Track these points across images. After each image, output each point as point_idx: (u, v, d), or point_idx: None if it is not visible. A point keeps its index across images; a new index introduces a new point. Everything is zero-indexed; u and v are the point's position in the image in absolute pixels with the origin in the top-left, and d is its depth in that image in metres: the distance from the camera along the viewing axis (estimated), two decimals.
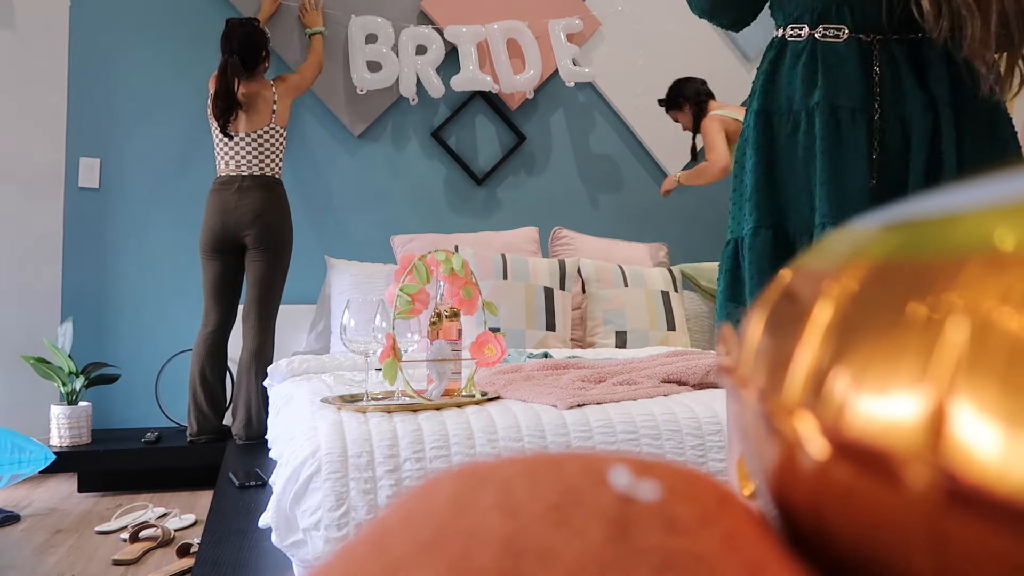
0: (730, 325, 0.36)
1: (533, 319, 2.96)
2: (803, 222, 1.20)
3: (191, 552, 2.07)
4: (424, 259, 1.64)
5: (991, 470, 0.17)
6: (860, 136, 1.17)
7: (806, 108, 1.20)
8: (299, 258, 3.31)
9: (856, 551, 0.22)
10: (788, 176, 1.22)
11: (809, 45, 1.21)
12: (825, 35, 1.20)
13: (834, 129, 1.17)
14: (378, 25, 3.46)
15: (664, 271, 3.37)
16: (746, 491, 0.32)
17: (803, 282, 0.29)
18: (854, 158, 1.16)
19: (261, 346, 2.84)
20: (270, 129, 2.88)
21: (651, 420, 1.51)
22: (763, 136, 1.24)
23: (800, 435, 0.23)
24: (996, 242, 0.20)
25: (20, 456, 2.31)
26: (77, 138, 3.25)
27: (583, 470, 0.25)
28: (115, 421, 3.25)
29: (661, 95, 3.49)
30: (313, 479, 1.29)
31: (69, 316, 3.05)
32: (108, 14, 3.30)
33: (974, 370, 0.18)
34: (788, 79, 1.23)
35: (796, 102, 1.21)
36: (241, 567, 1.48)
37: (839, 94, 1.18)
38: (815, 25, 1.21)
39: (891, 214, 0.28)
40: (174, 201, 3.33)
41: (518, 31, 3.55)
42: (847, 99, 1.17)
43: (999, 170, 0.26)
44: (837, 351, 0.23)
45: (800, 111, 1.21)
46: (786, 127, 1.22)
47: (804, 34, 1.22)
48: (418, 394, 1.56)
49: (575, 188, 3.85)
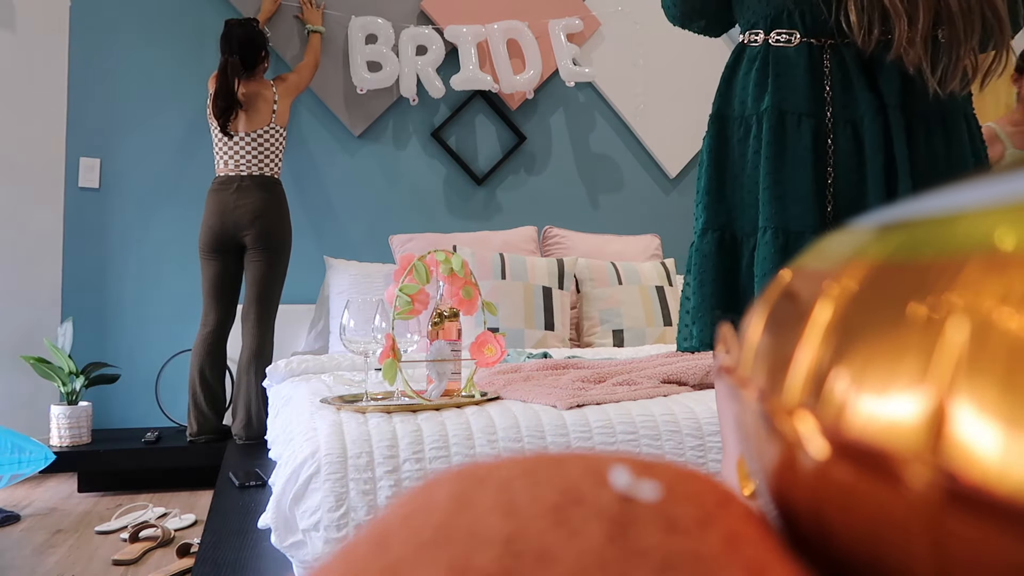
0: (730, 325, 0.36)
1: (532, 319, 2.96)
2: (750, 225, 1.23)
3: (191, 552, 2.07)
4: (423, 259, 1.64)
5: (991, 470, 0.17)
6: (805, 142, 1.19)
7: (756, 113, 1.23)
8: (298, 258, 3.31)
9: (856, 551, 0.22)
10: (738, 180, 1.25)
11: (763, 50, 1.24)
12: (778, 40, 1.22)
13: (780, 135, 1.20)
14: (378, 25, 3.46)
15: (658, 265, 3.36)
16: (746, 491, 0.32)
17: (803, 282, 0.29)
18: (798, 164, 1.19)
19: (260, 346, 2.84)
20: (270, 129, 2.88)
21: (651, 420, 1.51)
22: (716, 140, 1.27)
23: (800, 435, 0.23)
24: (996, 242, 0.20)
25: (20, 456, 2.31)
26: (77, 138, 3.25)
27: (583, 470, 0.25)
28: (115, 421, 3.25)
29: (661, 95, 3.49)
30: (312, 480, 1.29)
31: (69, 316, 3.05)
32: (108, 14, 3.30)
33: (974, 370, 0.18)
34: (743, 84, 1.26)
35: (748, 107, 1.24)
36: (241, 567, 1.48)
37: (787, 99, 1.20)
38: (769, 31, 1.23)
39: (891, 214, 0.28)
40: (174, 201, 3.33)
41: (518, 31, 3.55)
42: (795, 104, 1.20)
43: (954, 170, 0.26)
44: (837, 351, 0.23)
45: (752, 115, 1.23)
46: (738, 131, 1.25)
47: (760, 39, 1.24)
48: (417, 394, 1.56)
49: (575, 188, 3.85)
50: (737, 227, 1.24)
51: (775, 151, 1.19)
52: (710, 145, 1.27)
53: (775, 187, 1.18)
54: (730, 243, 1.24)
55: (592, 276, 3.23)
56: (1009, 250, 0.20)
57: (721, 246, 1.23)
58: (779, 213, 1.17)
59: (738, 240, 1.24)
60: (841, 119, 1.20)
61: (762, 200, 1.19)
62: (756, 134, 1.22)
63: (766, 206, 1.18)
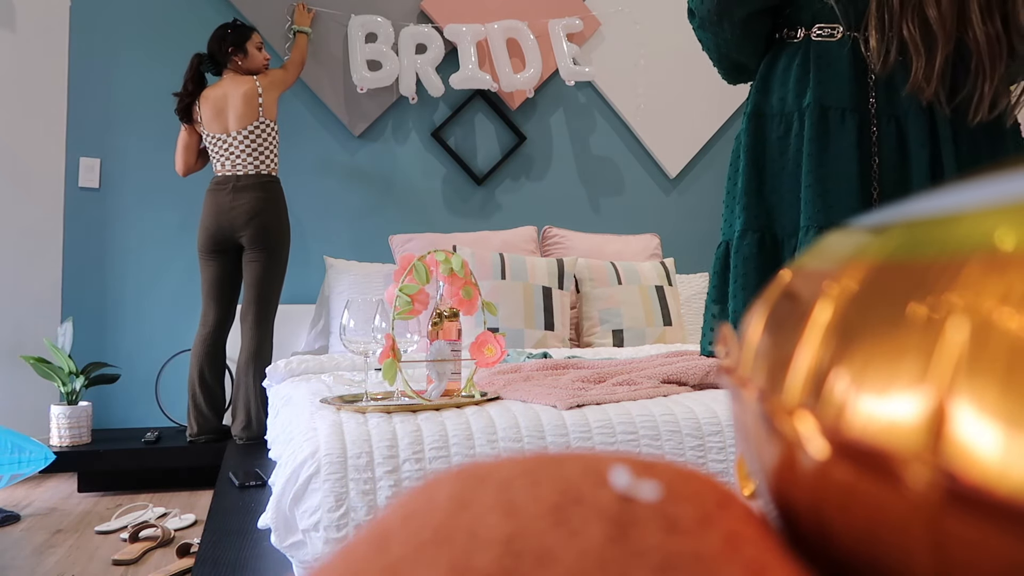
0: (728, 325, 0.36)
1: (532, 319, 2.96)
2: (791, 225, 1.20)
3: (191, 552, 2.07)
4: (423, 259, 1.64)
5: (991, 470, 0.17)
6: (849, 138, 1.16)
7: (798, 109, 1.20)
8: (298, 258, 3.31)
9: (856, 551, 0.22)
10: (777, 179, 1.22)
11: (803, 46, 1.21)
12: (820, 34, 1.20)
13: (823, 131, 1.17)
14: (378, 24, 3.46)
15: (657, 264, 3.36)
16: (746, 491, 0.32)
17: (803, 282, 0.29)
18: (842, 161, 1.16)
19: (259, 347, 2.84)
20: (260, 124, 2.88)
21: (650, 421, 1.51)
22: (754, 138, 1.24)
23: (800, 435, 0.23)
24: (996, 242, 0.20)
25: (20, 456, 2.31)
26: (77, 138, 3.25)
27: (583, 470, 0.25)
28: (115, 421, 3.25)
29: (661, 95, 3.49)
30: (312, 480, 1.29)
31: (69, 316, 3.05)
32: (108, 14, 3.30)
33: (974, 370, 0.18)
34: (782, 80, 1.23)
35: (788, 103, 1.21)
36: (241, 567, 1.48)
37: (830, 94, 1.18)
38: (810, 25, 1.21)
39: (891, 214, 0.28)
40: (174, 201, 3.33)
41: (518, 31, 3.55)
42: (837, 99, 1.17)
43: (997, 166, 0.26)
44: (837, 351, 0.23)
45: (792, 112, 1.21)
46: (778, 129, 1.22)
47: (800, 35, 1.22)
48: (417, 394, 1.56)
49: (575, 188, 3.85)
50: (777, 227, 1.21)
51: (818, 148, 1.16)
52: (748, 143, 1.23)
53: (818, 185, 1.15)
54: (771, 244, 1.21)
55: (592, 276, 3.23)
56: (1009, 250, 0.20)
57: (762, 247, 1.20)
58: (823, 212, 1.14)
59: (779, 241, 1.21)
60: (885, 114, 1.17)
61: (804, 199, 1.16)
62: (797, 131, 1.19)
63: (808, 205, 1.15)
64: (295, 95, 3.45)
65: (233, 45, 2.91)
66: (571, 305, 3.23)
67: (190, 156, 3.00)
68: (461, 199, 3.71)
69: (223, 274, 2.90)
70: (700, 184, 3.99)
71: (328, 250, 3.48)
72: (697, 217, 3.94)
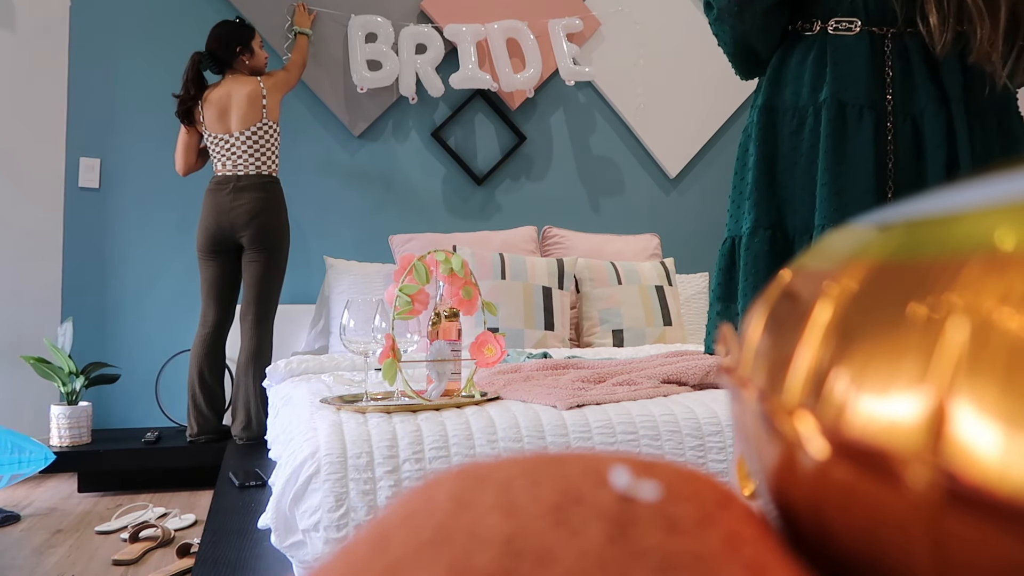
0: (729, 325, 0.36)
1: (532, 319, 2.96)
2: (803, 223, 1.17)
3: (191, 552, 2.07)
4: (423, 259, 1.64)
5: (991, 470, 0.17)
6: (866, 135, 1.14)
7: (813, 104, 1.17)
8: (298, 258, 3.31)
9: (856, 551, 0.22)
10: (789, 175, 1.19)
11: (819, 39, 1.18)
12: (837, 28, 1.17)
13: (839, 127, 1.14)
14: (378, 24, 3.46)
15: (657, 264, 3.36)
16: (746, 491, 0.32)
17: (803, 282, 0.29)
18: (859, 159, 1.13)
19: (259, 347, 2.84)
20: (263, 125, 2.88)
21: (650, 421, 1.51)
22: (765, 132, 1.21)
23: (800, 435, 0.23)
24: (996, 242, 0.20)
25: (20, 456, 2.31)
26: (77, 138, 3.25)
27: (583, 470, 0.25)
28: (115, 421, 3.25)
29: (661, 95, 3.49)
30: (312, 480, 1.29)
31: (69, 316, 3.05)
32: (108, 14, 3.30)
33: (974, 370, 0.18)
34: (796, 73, 1.19)
35: (803, 97, 1.18)
36: (241, 567, 1.48)
37: (847, 89, 1.14)
38: (827, 19, 1.19)
39: (891, 214, 0.28)
40: (174, 201, 3.33)
41: (518, 30, 3.55)
42: (854, 95, 1.14)
43: (1011, 165, 0.26)
44: (837, 351, 0.23)
45: (807, 107, 1.17)
46: (791, 124, 1.19)
47: (816, 28, 1.19)
48: (417, 394, 1.56)
49: (575, 188, 3.85)
50: (789, 225, 1.18)
51: (834, 145, 1.13)
52: (759, 138, 1.20)
53: (834, 184, 1.12)
54: (782, 242, 1.19)
55: (592, 276, 3.23)
56: (1009, 250, 0.20)
57: (773, 245, 1.18)
58: (839, 211, 1.11)
59: (790, 239, 1.18)
60: (901, 111, 1.15)
61: (820, 197, 1.13)
62: (812, 127, 1.16)
63: (824, 203, 1.13)
64: (296, 95, 3.45)
65: (241, 44, 2.91)
66: (571, 305, 3.23)
67: (190, 156, 3.00)
68: (461, 199, 3.71)
69: (223, 274, 2.90)
70: (700, 184, 3.99)
71: (328, 250, 3.48)
72: (697, 217, 3.94)
